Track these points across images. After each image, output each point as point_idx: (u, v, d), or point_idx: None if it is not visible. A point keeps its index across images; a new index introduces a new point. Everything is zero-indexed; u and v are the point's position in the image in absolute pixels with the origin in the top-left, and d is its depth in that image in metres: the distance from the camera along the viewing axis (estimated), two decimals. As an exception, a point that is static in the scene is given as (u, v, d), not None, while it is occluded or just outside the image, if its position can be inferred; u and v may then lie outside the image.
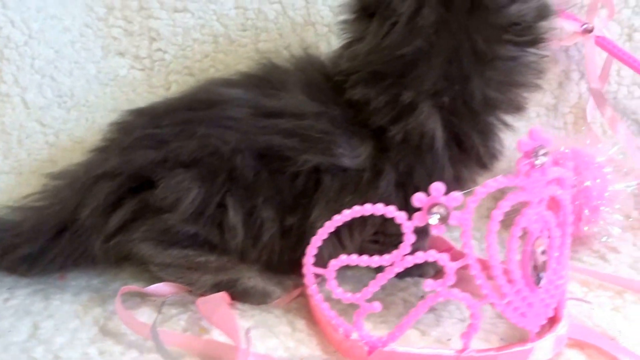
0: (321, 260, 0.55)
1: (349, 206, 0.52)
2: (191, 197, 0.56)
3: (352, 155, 0.57)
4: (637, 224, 0.77)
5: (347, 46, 0.60)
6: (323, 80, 0.61)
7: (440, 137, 0.56)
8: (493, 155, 0.61)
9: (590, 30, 0.79)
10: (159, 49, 0.83)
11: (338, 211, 0.53)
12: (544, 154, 0.46)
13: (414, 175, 0.58)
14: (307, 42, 0.83)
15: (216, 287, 0.59)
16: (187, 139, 0.57)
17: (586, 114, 0.84)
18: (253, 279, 0.60)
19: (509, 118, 0.61)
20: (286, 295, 0.60)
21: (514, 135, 0.85)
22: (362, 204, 0.55)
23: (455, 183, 0.60)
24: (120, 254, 0.60)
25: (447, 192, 0.59)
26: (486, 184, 0.45)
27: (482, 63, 0.55)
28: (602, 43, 0.80)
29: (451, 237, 0.71)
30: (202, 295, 0.58)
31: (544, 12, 0.56)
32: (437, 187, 0.45)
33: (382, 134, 0.57)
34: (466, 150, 0.59)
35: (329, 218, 0.53)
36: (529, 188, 0.47)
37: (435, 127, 0.56)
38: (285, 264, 0.60)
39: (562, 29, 0.81)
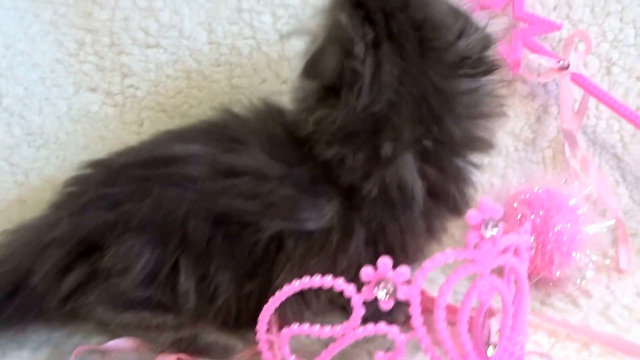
0: (285, 319, 0.55)
1: (316, 269, 0.53)
2: (142, 263, 0.55)
3: (318, 217, 0.55)
4: (613, 264, 0.76)
5: (309, 111, 0.58)
6: (285, 135, 0.59)
7: (420, 188, 0.56)
8: (467, 203, 0.61)
9: (566, 67, 0.77)
10: (131, 85, 0.81)
11: (304, 275, 0.52)
12: (494, 226, 0.45)
13: (386, 232, 0.57)
14: (283, 77, 0.82)
15: (176, 344, 0.57)
16: (141, 201, 0.56)
17: (565, 148, 0.83)
18: (214, 334, 0.59)
19: (481, 159, 0.62)
20: (248, 350, 0.60)
21: (492, 171, 0.85)
22: (330, 265, 0.56)
23: (428, 235, 0.60)
24: (77, 316, 0.59)
25: (417, 248, 0.60)
26: (434, 258, 0.44)
27: (449, 100, 0.56)
28: (579, 80, 0.78)
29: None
30: (162, 353, 0.57)
31: (487, 42, 0.57)
32: (384, 262, 0.44)
33: (352, 191, 0.56)
34: (441, 199, 0.58)
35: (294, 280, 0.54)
36: (480, 260, 0.45)
37: (414, 178, 0.56)
38: (243, 324, 0.58)
39: (539, 65, 0.80)
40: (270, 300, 0.47)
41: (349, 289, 0.45)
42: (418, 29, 0.54)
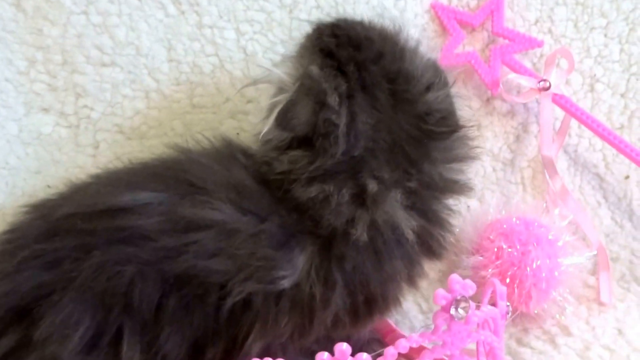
0: None
1: (289, 327, 0.50)
2: (80, 332, 0.48)
3: (292, 273, 0.49)
4: (593, 295, 0.72)
5: (281, 150, 0.53)
6: (251, 181, 0.52)
7: (411, 227, 0.52)
8: (444, 247, 0.57)
9: (547, 88, 0.72)
10: (86, 106, 0.75)
11: (276, 335, 0.50)
12: (464, 307, 0.40)
13: (369, 281, 0.51)
14: (247, 96, 0.76)
15: None
16: (82, 260, 0.49)
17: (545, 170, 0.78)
18: None
19: (457, 204, 0.59)
20: None
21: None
22: (304, 320, 0.51)
23: (409, 282, 0.55)
24: None
25: (397, 296, 0.55)
26: (398, 344, 0.40)
27: (423, 146, 0.54)
28: (560, 102, 0.73)
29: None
30: None
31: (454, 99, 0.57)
32: (342, 349, 0.39)
33: (333, 239, 0.51)
34: (425, 243, 0.55)
35: (265, 341, 0.50)
36: (450, 342, 0.41)
37: (406, 216, 0.52)
38: None
39: (518, 84, 0.75)
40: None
41: None
42: (391, 81, 0.53)
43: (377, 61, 0.54)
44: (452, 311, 0.40)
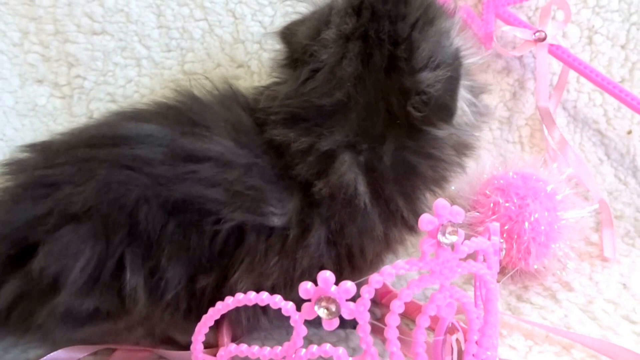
0: (238, 325, 0.50)
1: (276, 268, 0.46)
2: (80, 264, 0.43)
3: (282, 212, 0.46)
4: (596, 252, 0.65)
5: (268, 86, 0.50)
6: (249, 121, 0.49)
7: (363, 193, 0.46)
8: (405, 221, 0.50)
9: (542, 39, 0.65)
10: (79, 76, 0.70)
11: (263, 273, 0.46)
12: (453, 232, 0.35)
13: (345, 232, 0.47)
14: (238, 60, 0.71)
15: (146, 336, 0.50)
16: (84, 183, 0.44)
17: (543, 126, 0.72)
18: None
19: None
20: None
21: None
22: (290, 264, 0.47)
23: (384, 243, 0.49)
24: (27, 331, 0.48)
25: (376, 253, 0.50)
26: (382, 271, 0.35)
27: (397, 126, 0.47)
28: (556, 52, 0.66)
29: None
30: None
31: (450, 86, 0.46)
32: (325, 277, 0.34)
33: (309, 187, 0.47)
34: (392, 211, 0.48)
35: (252, 280, 0.46)
36: (438, 270, 0.35)
37: (356, 182, 0.46)
38: (191, 322, 0.48)
39: (513, 37, 0.69)
40: (210, 311, 0.38)
41: (287, 308, 0.36)
42: (395, 44, 0.47)
43: (394, 21, 0.47)
44: (440, 237, 0.34)
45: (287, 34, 0.51)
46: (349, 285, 0.35)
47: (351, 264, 0.48)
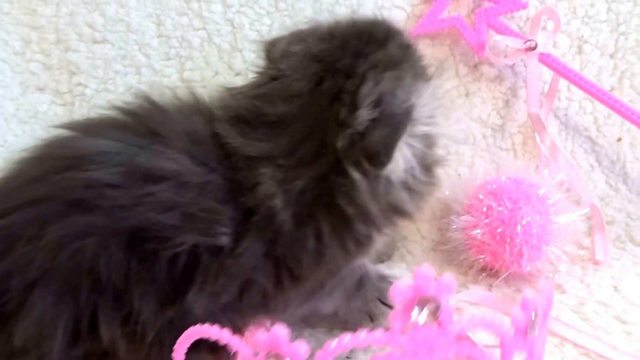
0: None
1: (229, 288, 0.44)
2: (60, 333, 0.42)
3: (232, 231, 0.44)
4: (588, 256, 0.67)
5: (232, 89, 0.51)
6: (207, 130, 0.48)
7: (282, 209, 0.44)
8: (359, 242, 0.47)
9: (533, 48, 0.68)
10: (80, 83, 0.73)
11: (214, 292, 0.44)
12: (435, 308, 0.31)
13: (277, 243, 0.45)
14: (236, 69, 0.73)
15: None
16: (36, 239, 0.42)
17: (536, 133, 0.73)
18: None
19: None
20: None
21: (459, 160, 0.76)
22: (236, 282, 0.45)
23: (319, 255, 0.46)
24: None
25: (315, 263, 0.47)
26: (340, 342, 0.31)
27: (325, 156, 0.45)
28: (547, 61, 0.69)
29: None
30: None
31: (388, 136, 0.43)
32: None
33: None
34: (317, 229, 0.46)
35: (206, 300, 0.44)
36: (411, 350, 0.31)
37: (274, 197, 0.44)
38: None
39: (505, 46, 0.71)
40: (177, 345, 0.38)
41: (235, 343, 0.34)
42: (347, 76, 0.45)
43: (357, 56, 0.46)
44: (415, 313, 0.29)
45: (269, 47, 0.51)
46: (301, 348, 0.31)
47: (291, 274, 0.46)
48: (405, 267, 0.69)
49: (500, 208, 0.61)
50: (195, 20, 0.72)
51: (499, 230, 0.61)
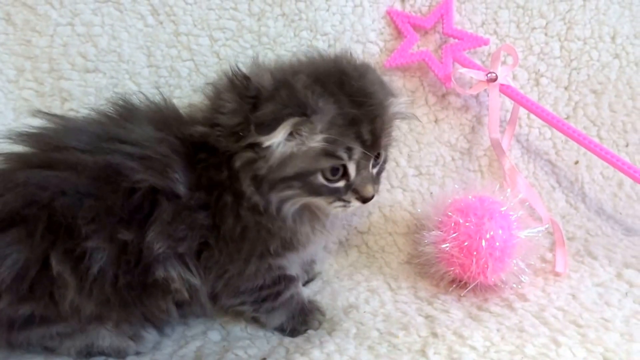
0: None
1: (183, 235, 0.55)
2: (6, 267, 0.52)
3: (186, 184, 0.56)
4: (550, 268, 0.74)
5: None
6: (173, 118, 0.61)
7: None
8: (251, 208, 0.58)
9: (494, 79, 0.77)
10: (72, 109, 0.79)
11: (174, 235, 0.55)
12: None
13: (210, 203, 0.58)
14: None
15: (80, 354, 0.59)
16: (6, 192, 0.53)
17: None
18: (107, 338, 0.60)
19: None
20: None
21: (431, 180, 0.84)
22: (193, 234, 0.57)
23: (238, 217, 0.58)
24: None
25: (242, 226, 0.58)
26: None
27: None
28: (507, 91, 0.78)
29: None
30: None
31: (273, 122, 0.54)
32: None
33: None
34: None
35: (167, 244, 0.55)
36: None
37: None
38: (124, 297, 0.56)
39: (470, 78, 0.80)
40: None
41: None
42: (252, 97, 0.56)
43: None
44: None
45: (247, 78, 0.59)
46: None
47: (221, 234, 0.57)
48: (383, 279, 0.75)
49: (467, 224, 0.69)
50: (183, 52, 0.79)
51: (466, 243, 0.68)
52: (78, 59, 0.78)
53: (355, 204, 0.59)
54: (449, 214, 0.71)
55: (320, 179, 0.56)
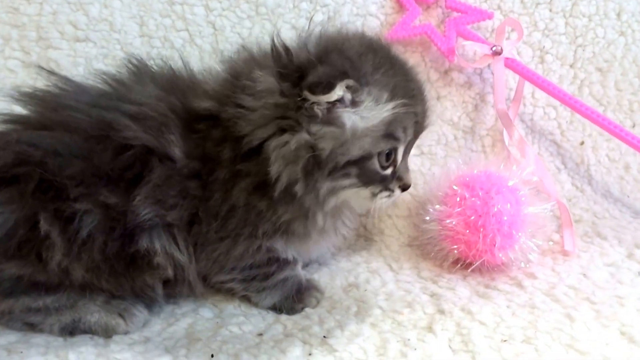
0: None
1: (174, 202, 0.53)
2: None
3: (182, 148, 0.53)
4: (558, 248, 0.71)
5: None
6: (186, 85, 0.58)
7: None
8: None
9: (499, 52, 0.74)
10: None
11: (163, 201, 0.52)
12: None
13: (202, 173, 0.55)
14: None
15: (64, 330, 0.55)
16: (1, 148, 0.51)
17: (504, 136, 0.79)
18: (96, 313, 0.55)
19: None
20: None
21: (433, 160, 0.81)
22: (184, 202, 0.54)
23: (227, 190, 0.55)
24: None
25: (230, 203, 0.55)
26: None
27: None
28: (512, 65, 0.75)
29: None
30: None
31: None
32: None
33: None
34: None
35: (153, 204, 0.51)
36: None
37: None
38: (114, 265, 0.53)
39: (474, 53, 0.77)
40: None
41: None
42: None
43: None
44: None
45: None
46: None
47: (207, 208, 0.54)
48: (383, 261, 0.71)
49: (473, 198, 0.65)
50: (178, 22, 0.75)
51: (472, 218, 0.64)
52: (68, 28, 0.74)
53: (397, 192, 0.57)
54: (454, 188, 0.67)
55: (376, 164, 0.53)
